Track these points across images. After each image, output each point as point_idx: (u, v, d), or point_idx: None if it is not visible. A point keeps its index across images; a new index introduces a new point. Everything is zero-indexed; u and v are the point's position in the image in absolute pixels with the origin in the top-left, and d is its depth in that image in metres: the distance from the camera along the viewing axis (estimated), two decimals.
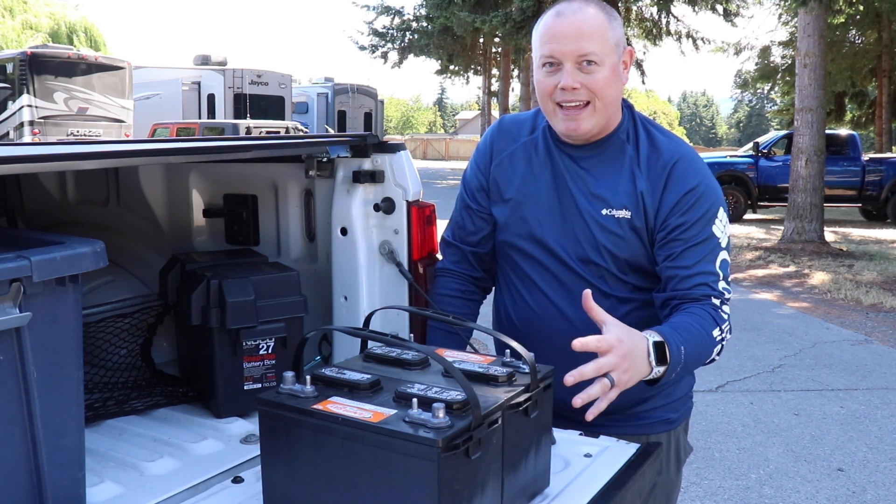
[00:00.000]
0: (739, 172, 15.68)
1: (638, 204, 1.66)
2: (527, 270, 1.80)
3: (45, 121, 15.91)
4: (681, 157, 1.67)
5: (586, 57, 1.60)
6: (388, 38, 28.13)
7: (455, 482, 1.16)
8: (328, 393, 1.29)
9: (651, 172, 1.67)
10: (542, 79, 1.66)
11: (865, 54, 22.90)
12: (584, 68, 1.61)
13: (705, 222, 1.64)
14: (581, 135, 1.67)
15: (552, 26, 1.63)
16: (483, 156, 1.86)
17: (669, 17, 20.79)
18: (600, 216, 1.68)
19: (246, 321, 1.90)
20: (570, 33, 1.60)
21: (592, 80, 1.61)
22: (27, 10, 34.45)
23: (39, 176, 2.36)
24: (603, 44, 1.61)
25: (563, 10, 1.63)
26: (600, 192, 1.69)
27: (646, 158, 1.68)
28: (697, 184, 1.65)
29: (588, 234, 1.70)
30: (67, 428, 1.31)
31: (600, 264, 1.70)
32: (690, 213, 1.63)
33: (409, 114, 78.17)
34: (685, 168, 1.66)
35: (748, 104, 75.25)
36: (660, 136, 1.72)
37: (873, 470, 4.03)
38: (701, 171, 1.67)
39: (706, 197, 1.65)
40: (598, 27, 1.61)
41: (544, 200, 1.75)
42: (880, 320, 7.40)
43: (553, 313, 1.77)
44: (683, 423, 1.86)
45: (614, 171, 1.69)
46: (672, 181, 1.65)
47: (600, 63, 1.61)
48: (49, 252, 1.24)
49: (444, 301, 1.85)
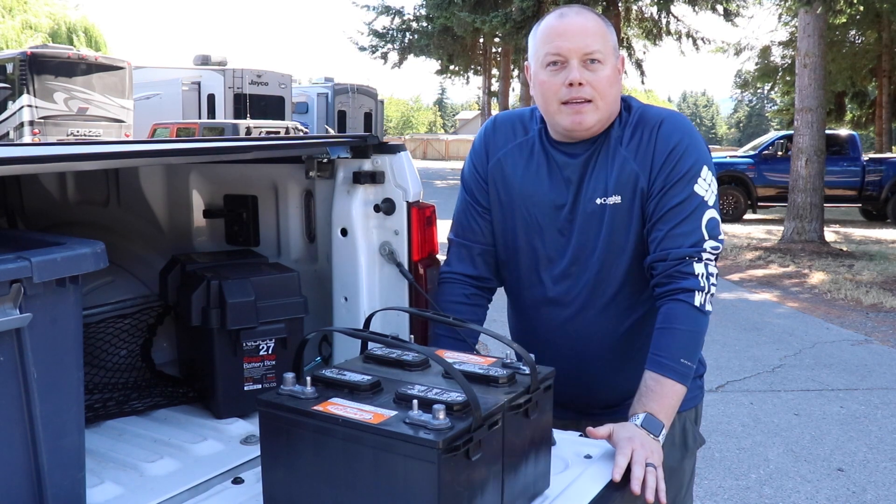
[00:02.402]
0: (739, 173, 15.68)
1: (632, 186, 1.68)
2: (528, 268, 1.80)
3: (45, 121, 15.89)
4: (665, 117, 1.71)
5: (591, 55, 1.64)
6: (387, 39, 28.12)
7: (455, 484, 1.16)
8: (328, 394, 1.29)
9: (639, 146, 1.69)
10: (546, 78, 1.67)
11: (865, 54, 22.90)
12: (588, 66, 1.64)
13: (686, 181, 1.65)
14: (585, 129, 1.68)
15: (556, 26, 1.67)
16: (479, 155, 1.87)
17: (669, 16, 20.81)
18: (596, 207, 1.70)
19: (246, 322, 1.90)
20: (575, 31, 1.64)
21: (597, 78, 1.64)
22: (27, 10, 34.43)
23: (39, 176, 2.36)
24: (605, 44, 1.66)
25: (566, 12, 1.68)
26: (596, 184, 1.71)
27: (631, 133, 1.71)
28: (679, 141, 1.67)
29: (586, 229, 1.72)
30: (67, 428, 1.31)
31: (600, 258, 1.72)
32: (673, 173, 1.66)
33: (409, 114, 78.12)
34: (669, 127, 1.69)
35: (748, 104, 75.32)
36: (641, 107, 1.75)
37: (873, 470, 4.03)
38: (683, 129, 1.70)
39: (688, 155, 1.67)
40: (600, 29, 1.67)
41: (543, 200, 1.76)
42: (880, 320, 7.40)
43: (556, 312, 1.78)
44: (692, 409, 1.85)
45: (607, 162, 1.71)
46: (658, 143, 1.68)
47: (603, 62, 1.65)
48: (49, 253, 1.24)
49: (450, 308, 1.85)
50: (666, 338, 1.61)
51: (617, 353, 1.78)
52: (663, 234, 1.65)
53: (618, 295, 1.74)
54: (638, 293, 1.75)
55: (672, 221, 1.64)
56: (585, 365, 1.78)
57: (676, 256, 1.63)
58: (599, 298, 1.75)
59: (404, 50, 28.13)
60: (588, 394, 1.83)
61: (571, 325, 1.78)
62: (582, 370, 1.78)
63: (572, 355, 1.77)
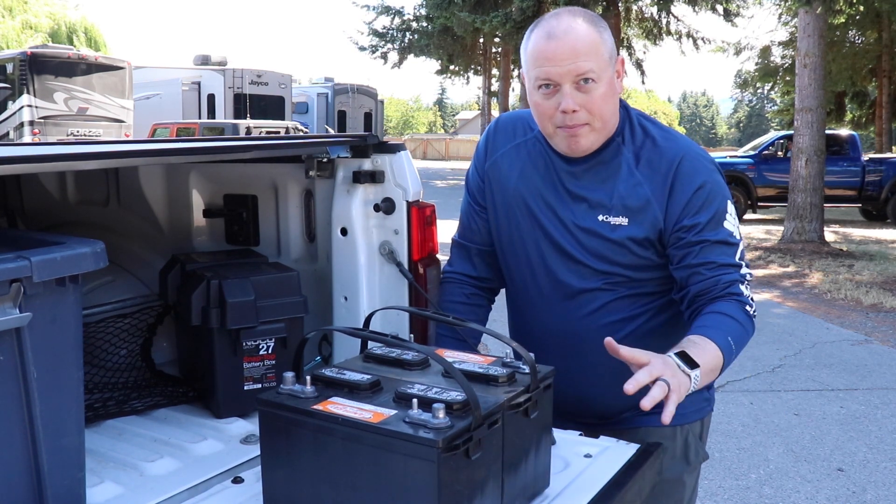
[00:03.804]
0: (739, 173, 15.68)
1: (641, 210, 1.65)
2: (515, 272, 1.80)
3: (45, 121, 15.89)
4: (684, 154, 1.65)
5: (583, 76, 1.57)
6: (388, 39, 28.12)
7: (455, 483, 1.16)
8: (328, 393, 1.29)
9: (654, 175, 1.65)
10: (539, 101, 1.63)
11: (865, 54, 22.90)
12: (581, 87, 1.58)
13: (717, 221, 1.63)
14: (582, 151, 1.66)
15: (544, 49, 1.58)
16: (480, 155, 1.86)
17: (669, 16, 20.82)
18: (596, 222, 1.67)
19: (246, 321, 1.90)
20: (564, 54, 1.56)
21: (590, 99, 1.58)
22: (27, 10, 34.43)
23: (39, 176, 2.36)
24: (598, 59, 1.58)
25: (554, 31, 1.57)
26: (597, 197, 1.68)
27: (647, 161, 1.66)
28: (703, 182, 1.63)
29: (584, 241, 1.69)
30: (67, 428, 1.31)
31: (597, 269, 1.69)
32: (702, 214, 1.62)
33: (409, 114, 78.13)
34: (690, 167, 1.64)
35: (748, 104, 75.29)
36: (659, 135, 1.69)
37: (873, 470, 4.03)
38: (706, 168, 1.66)
39: (714, 195, 1.63)
40: (592, 43, 1.57)
41: (538, 204, 1.74)
42: (880, 320, 7.40)
43: (544, 316, 1.77)
44: (696, 422, 1.82)
45: (611, 176, 1.68)
46: (679, 182, 1.63)
47: (597, 80, 1.58)
48: (49, 252, 1.24)
49: (451, 308, 1.85)
50: (714, 318, 1.55)
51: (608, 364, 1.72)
52: (707, 269, 1.61)
53: (611, 304, 1.71)
54: (633, 304, 1.71)
55: (713, 256, 1.61)
56: (580, 372, 1.74)
57: (727, 281, 1.60)
58: (592, 303, 1.72)
59: (404, 50, 28.13)
60: (582, 402, 1.78)
61: (564, 330, 1.75)
62: (576, 377, 1.74)
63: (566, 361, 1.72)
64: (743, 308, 1.59)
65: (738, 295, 1.59)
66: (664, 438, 1.74)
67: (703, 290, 1.61)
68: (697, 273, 1.62)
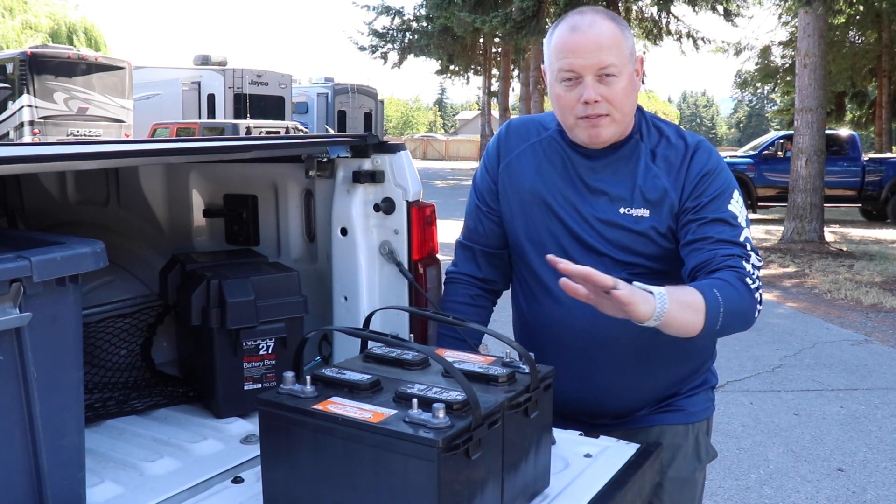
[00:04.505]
0: (739, 173, 15.69)
1: (660, 201, 1.68)
2: (538, 271, 1.79)
3: (45, 121, 15.89)
4: (700, 144, 1.72)
5: (605, 69, 1.62)
6: (388, 39, 28.16)
7: (455, 482, 1.16)
8: (328, 393, 1.29)
9: (671, 167, 1.69)
10: (561, 93, 1.67)
11: (865, 54, 22.91)
12: (603, 80, 1.62)
13: (722, 200, 1.66)
14: (603, 142, 1.69)
15: (568, 41, 1.63)
16: (491, 158, 1.86)
17: (669, 16, 20.80)
18: (618, 215, 1.70)
19: (246, 321, 1.90)
20: (588, 47, 1.61)
21: (612, 91, 1.63)
22: (27, 10, 34.43)
23: (39, 176, 2.36)
24: (620, 55, 1.63)
25: (578, 24, 1.63)
26: (618, 191, 1.70)
27: (663, 157, 1.71)
28: (714, 166, 1.69)
29: (605, 233, 1.70)
30: (67, 428, 1.31)
31: (620, 259, 1.69)
32: (708, 193, 1.66)
33: (409, 114, 78.17)
34: (702, 156, 1.70)
35: (748, 104, 75.30)
36: (672, 134, 1.75)
37: (873, 470, 4.03)
38: (716, 159, 1.72)
39: (720, 178, 1.68)
40: (614, 38, 1.63)
41: (557, 200, 1.75)
42: (880, 320, 7.40)
43: (566, 315, 1.76)
44: (703, 421, 1.84)
45: (631, 170, 1.71)
46: (691, 168, 1.68)
47: (618, 74, 1.63)
48: (49, 252, 1.24)
49: (454, 308, 1.85)
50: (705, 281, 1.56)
51: (627, 363, 1.74)
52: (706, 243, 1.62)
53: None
54: None
55: (712, 231, 1.63)
56: (599, 370, 1.74)
57: (725, 254, 1.60)
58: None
59: (404, 50, 28.16)
60: (600, 401, 1.79)
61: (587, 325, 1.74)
62: (595, 375, 1.74)
63: (586, 357, 1.74)
64: (741, 277, 1.57)
65: (737, 268, 1.58)
66: (678, 437, 1.78)
67: (701, 262, 1.62)
68: (698, 249, 1.63)
